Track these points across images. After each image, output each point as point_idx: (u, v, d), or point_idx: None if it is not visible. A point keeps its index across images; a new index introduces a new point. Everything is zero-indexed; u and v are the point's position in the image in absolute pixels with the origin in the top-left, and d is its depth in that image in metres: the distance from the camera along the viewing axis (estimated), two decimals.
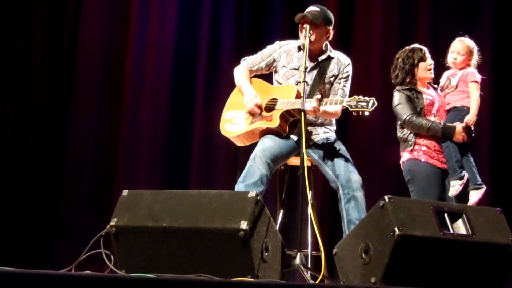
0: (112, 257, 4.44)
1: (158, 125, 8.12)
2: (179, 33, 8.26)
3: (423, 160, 5.77)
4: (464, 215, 4.17)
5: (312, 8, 5.48)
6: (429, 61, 5.93)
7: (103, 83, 8.12)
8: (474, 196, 5.53)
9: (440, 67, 6.06)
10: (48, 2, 8.08)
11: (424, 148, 5.78)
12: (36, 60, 7.97)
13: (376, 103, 4.90)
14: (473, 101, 5.68)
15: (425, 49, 5.97)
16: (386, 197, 4.03)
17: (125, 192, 4.35)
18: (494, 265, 4.20)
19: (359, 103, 4.94)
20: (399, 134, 5.92)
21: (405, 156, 5.85)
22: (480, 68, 5.90)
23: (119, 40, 8.19)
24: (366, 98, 4.95)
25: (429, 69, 5.92)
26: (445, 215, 4.13)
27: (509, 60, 7.60)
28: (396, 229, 3.87)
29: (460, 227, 4.15)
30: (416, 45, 6.02)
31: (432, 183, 5.73)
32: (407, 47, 6.04)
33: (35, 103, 7.90)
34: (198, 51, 8.26)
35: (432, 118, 5.78)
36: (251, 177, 5.15)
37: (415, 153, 5.80)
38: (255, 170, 5.18)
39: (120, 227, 4.19)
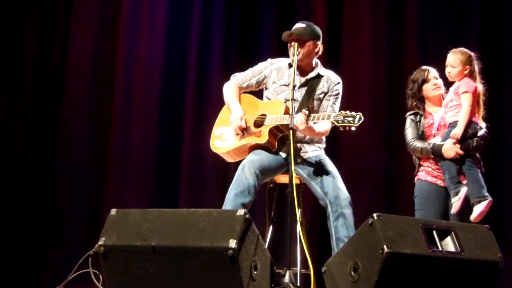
0: (100, 276, 4.43)
1: (147, 140, 8.11)
2: (168, 48, 8.26)
3: (424, 179, 5.82)
4: (452, 232, 4.17)
5: (298, 25, 5.53)
6: (433, 81, 5.92)
7: (92, 99, 8.11)
8: (475, 210, 5.44)
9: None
10: (37, 15, 8.09)
11: (427, 169, 5.83)
12: (26, 74, 7.97)
13: (362, 118, 4.91)
14: (462, 113, 5.60)
15: (430, 69, 5.97)
16: (374, 214, 4.03)
17: (113, 211, 4.33)
18: (483, 282, 4.21)
19: (346, 118, 4.95)
20: (413, 158, 5.99)
21: (415, 178, 5.92)
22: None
23: (108, 56, 8.19)
24: (353, 113, 4.95)
25: (434, 88, 5.93)
26: (434, 232, 4.13)
27: (497, 71, 7.60)
28: (385, 246, 3.87)
29: (449, 244, 4.15)
30: (422, 67, 6.05)
31: (431, 201, 5.74)
32: (415, 70, 6.07)
33: (24, 119, 7.88)
34: (187, 67, 8.26)
35: (432, 139, 5.81)
36: (239, 186, 5.17)
37: (419, 173, 5.88)
38: (242, 179, 5.20)
39: (109, 246, 4.17)
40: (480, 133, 5.70)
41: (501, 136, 7.53)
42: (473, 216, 5.44)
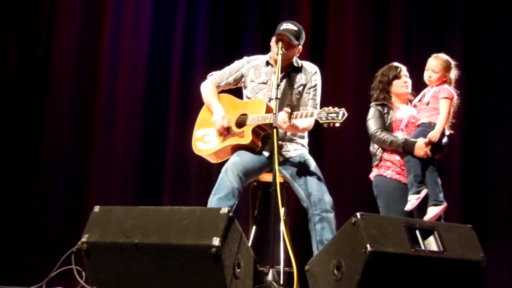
0: (83, 273, 4.42)
1: (131, 139, 8.09)
2: (152, 47, 8.25)
3: (387, 176, 5.82)
4: (435, 232, 4.19)
5: (291, 27, 5.47)
6: (404, 79, 5.97)
7: (76, 97, 8.09)
8: (430, 212, 5.50)
9: (417, 82, 6.06)
10: (21, 15, 8.06)
11: (388, 164, 5.84)
12: (9, 71, 7.94)
13: (346, 114, 4.89)
14: (440, 117, 5.66)
15: (401, 67, 6.01)
16: (358, 213, 4.04)
17: (96, 208, 4.32)
18: (465, 282, 4.22)
19: (329, 114, 4.93)
20: (371, 148, 5.98)
21: (373, 171, 5.92)
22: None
23: (92, 55, 8.17)
24: (336, 109, 4.93)
25: (403, 86, 5.96)
26: (417, 231, 4.15)
27: (481, 75, 7.65)
28: (368, 245, 3.88)
29: (432, 243, 4.17)
30: (394, 64, 6.07)
31: (396, 198, 5.74)
32: (386, 65, 6.09)
33: (7, 117, 7.85)
34: (171, 66, 8.25)
35: (399, 133, 5.83)
36: (222, 190, 5.15)
37: (381, 169, 5.87)
38: (226, 183, 5.18)
39: (92, 243, 4.16)
40: (444, 140, 5.76)
41: (484, 140, 7.58)
42: (427, 217, 5.48)
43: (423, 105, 5.81)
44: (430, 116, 5.72)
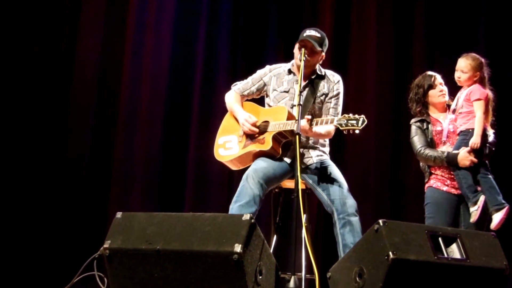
0: (105, 279, 4.43)
1: (152, 145, 8.11)
2: (175, 54, 8.27)
3: (436, 187, 5.76)
4: (458, 239, 4.16)
5: (314, 33, 5.49)
6: (440, 87, 5.88)
7: (98, 103, 8.12)
8: (495, 219, 5.39)
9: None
10: (45, 20, 8.11)
11: (439, 177, 5.77)
12: (32, 78, 7.98)
13: (366, 121, 4.90)
14: (476, 121, 5.54)
15: (436, 76, 5.93)
16: (380, 220, 4.03)
17: (119, 214, 4.33)
18: None
19: (349, 121, 4.94)
20: (420, 165, 5.93)
21: (426, 185, 5.87)
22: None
23: (115, 62, 8.20)
24: (356, 116, 4.94)
25: (440, 95, 5.88)
26: (440, 239, 4.13)
27: (503, 82, 7.59)
28: (390, 253, 3.87)
29: (455, 251, 4.14)
30: (428, 73, 6.01)
31: (442, 209, 5.67)
32: (420, 75, 6.04)
33: (29, 122, 7.89)
34: (193, 73, 8.27)
35: (442, 146, 5.76)
36: (244, 197, 5.15)
37: (431, 181, 5.81)
38: (247, 190, 5.18)
39: (114, 249, 4.17)
40: (489, 139, 5.66)
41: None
42: (493, 225, 5.38)
43: (459, 110, 5.72)
44: (467, 122, 5.62)
